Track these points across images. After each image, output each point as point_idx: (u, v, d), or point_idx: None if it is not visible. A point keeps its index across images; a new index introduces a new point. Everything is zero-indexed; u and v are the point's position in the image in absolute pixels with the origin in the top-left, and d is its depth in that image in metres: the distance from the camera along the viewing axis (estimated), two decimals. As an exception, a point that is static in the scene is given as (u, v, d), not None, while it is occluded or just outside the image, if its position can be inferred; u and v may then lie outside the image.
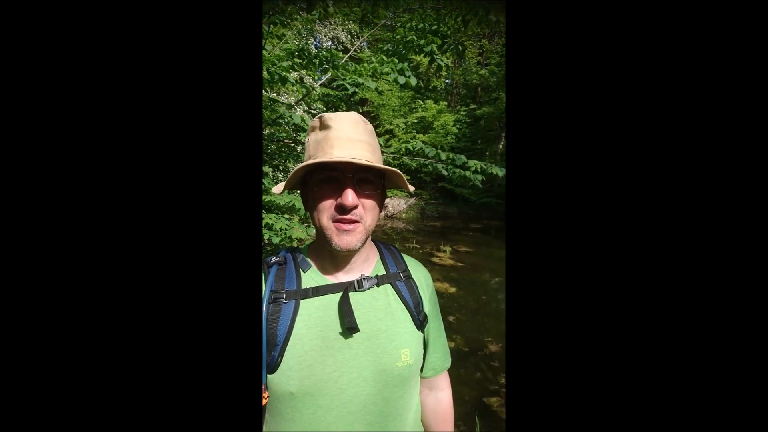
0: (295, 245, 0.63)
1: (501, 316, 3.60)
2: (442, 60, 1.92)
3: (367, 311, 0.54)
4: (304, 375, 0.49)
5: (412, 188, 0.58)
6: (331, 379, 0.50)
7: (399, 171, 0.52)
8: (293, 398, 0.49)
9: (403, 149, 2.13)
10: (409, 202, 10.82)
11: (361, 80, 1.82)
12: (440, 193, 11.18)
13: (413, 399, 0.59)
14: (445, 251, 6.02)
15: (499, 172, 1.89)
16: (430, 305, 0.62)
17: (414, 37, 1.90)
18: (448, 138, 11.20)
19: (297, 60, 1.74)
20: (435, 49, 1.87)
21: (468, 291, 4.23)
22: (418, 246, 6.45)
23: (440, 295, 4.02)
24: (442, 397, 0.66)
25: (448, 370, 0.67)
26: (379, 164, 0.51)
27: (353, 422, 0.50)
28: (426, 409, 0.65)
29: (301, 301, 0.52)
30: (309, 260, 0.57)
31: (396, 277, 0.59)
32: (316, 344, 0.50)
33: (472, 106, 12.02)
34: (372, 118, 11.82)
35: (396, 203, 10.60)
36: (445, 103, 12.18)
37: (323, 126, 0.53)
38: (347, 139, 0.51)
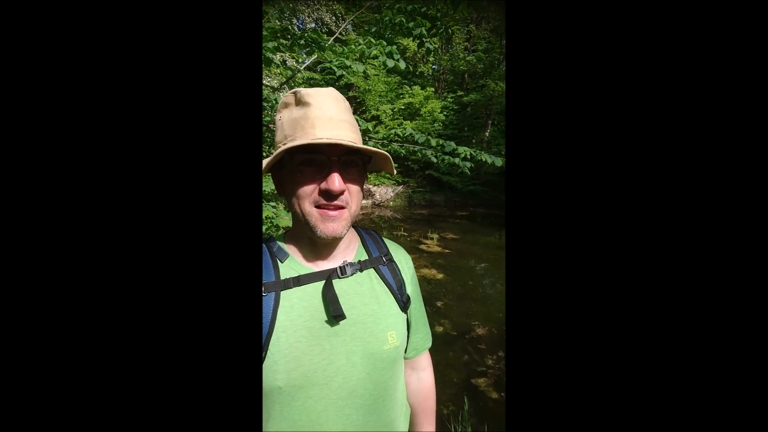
0: (281, 233, 0.60)
1: (487, 300, 3.71)
2: (431, 44, 1.87)
3: (352, 297, 0.53)
4: (291, 368, 0.48)
5: (395, 172, 0.56)
6: (320, 369, 0.49)
7: (387, 153, 0.50)
8: (281, 393, 0.48)
9: (393, 135, 2.10)
10: (396, 190, 10.81)
11: (348, 63, 1.76)
12: (427, 181, 11.21)
13: (400, 379, 0.59)
14: (432, 238, 6.09)
15: (488, 158, 1.90)
16: (412, 287, 0.62)
17: (403, 19, 1.84)
18: (435, 125, 11.16)
19: (282, 40, 1.65)
20: (424, 32, 1.82)
21: (455, 277, 4.32)
22: (406, 234, 6.50)
23: (428, 281, 4.12)
24: (423, 376, 0.68)
25: (435, 352, 0.68)
26: (362, 145, 0.49)
27: (343, 407, 0.50)
28: (408, 388, 0.66)
29: (282, 293, 0.50)
30: (286, 249, 0.55)
31: (378, 261, 0.58)
32: (301, 335, 0.49)
33: (459, 93, 11.96)
34: (358, 103, 11.59)
35: (383, 191, 10.57)
36: (432, 89, 12.05)
37: (300, 102, 0.49)
38: (329, 118, 0.48)
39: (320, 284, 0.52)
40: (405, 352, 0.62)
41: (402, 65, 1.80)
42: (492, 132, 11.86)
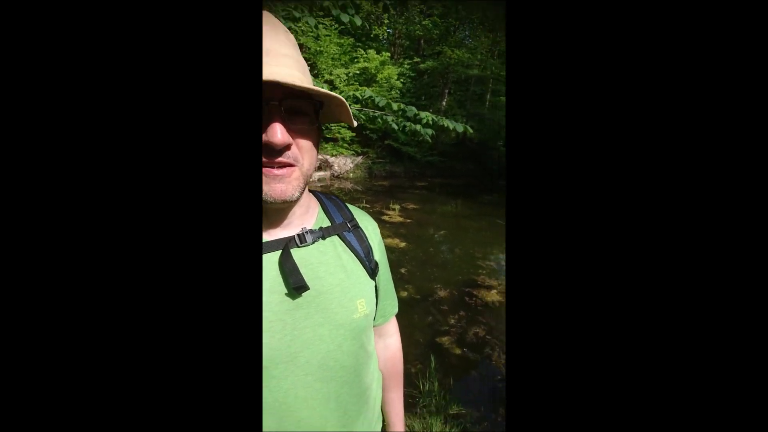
0: None
1: (447, 265, 3.91)
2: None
3: (316, 267, 0.48)
4: None
5: (355, 122, 0.48)
6: (282, 346, 0.44)
7: (341, 98, 0.41)
8: None
9: (350, 99, 1.97)
10: (355, 161, 10.58)
11: (297, 14, 1.56)
12: (387, 152, 11.10)
13: (371, 346, 0.57)
14: (394, 209, 6.16)
15: (450, 124, 1.87)
16: (379, 253, 0.59)
17: (357, -35, 1.65)
18: (393, 92, 10.86)
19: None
20: (381, -17, 1.67)
21: (416, 244, 4.46)
22: (368, 205, 6.47)
23: (392, 250, 4.21)
24: (391, 342, 0.67)
25: (401, 316, 0.67)
26: (311, 86, 0.40)
27: (313, 382, 0.46)
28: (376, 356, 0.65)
29: None
30: None
31: (343, 228, 0.53)
32: None
33: (416, 60, 11.65)
34: (310, 66, 10.80)
35: (342, 162, 10.27)
36: (388, 54, 11.57)
37: None
38: (265, 51, 0.38)
39: (276, 254, 0.45)
40: (373, 319, 0.59)
41: (357, 21, 1.65)
42: (449, 101, 11.89)
